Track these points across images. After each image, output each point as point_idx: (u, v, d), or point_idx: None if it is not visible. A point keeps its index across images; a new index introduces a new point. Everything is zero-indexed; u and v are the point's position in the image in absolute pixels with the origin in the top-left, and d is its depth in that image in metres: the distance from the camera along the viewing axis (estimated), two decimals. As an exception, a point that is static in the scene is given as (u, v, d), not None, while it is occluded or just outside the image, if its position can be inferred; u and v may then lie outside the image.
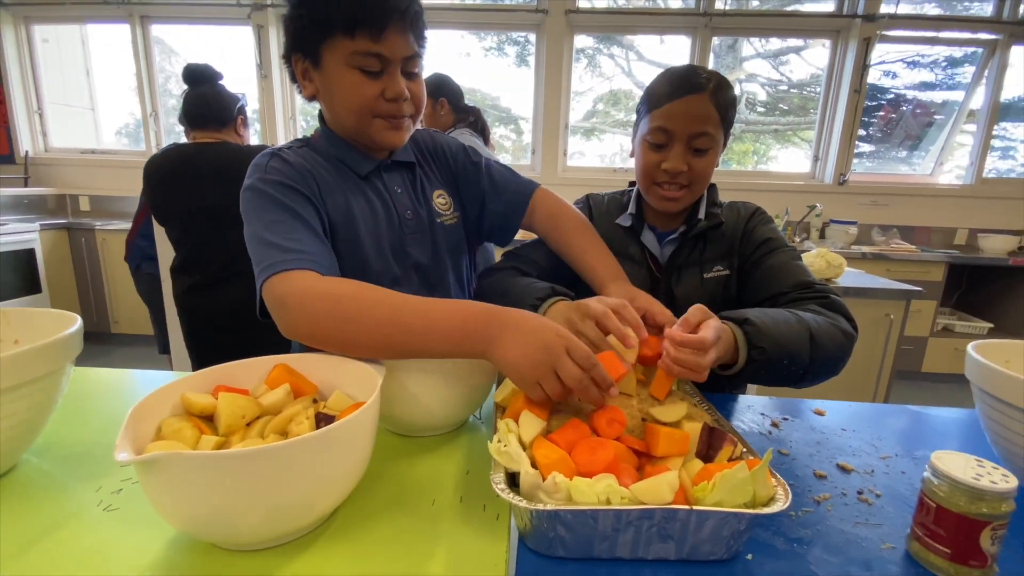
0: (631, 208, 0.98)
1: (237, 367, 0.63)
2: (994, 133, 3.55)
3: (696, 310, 0.68)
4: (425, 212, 0.90)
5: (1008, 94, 3.51)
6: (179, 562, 0.48)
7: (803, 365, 0.74)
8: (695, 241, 0.94)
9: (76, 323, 0.63)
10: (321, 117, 0.86)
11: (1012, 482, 0.48)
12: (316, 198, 0.78)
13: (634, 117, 0.96)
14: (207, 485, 0.43)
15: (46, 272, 3.29)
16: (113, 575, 0.46)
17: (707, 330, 0.65)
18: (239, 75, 3.65)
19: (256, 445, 0.47)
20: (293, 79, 0.81)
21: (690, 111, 0.84)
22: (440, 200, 0.92)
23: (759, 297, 0.89)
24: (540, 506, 0.47)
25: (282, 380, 0.61)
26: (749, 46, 3.73)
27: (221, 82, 1.64)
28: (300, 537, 0.51)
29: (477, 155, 0.97)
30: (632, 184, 1.01)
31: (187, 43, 3.85)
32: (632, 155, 0.95)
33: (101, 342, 3.56)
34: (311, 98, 0.82)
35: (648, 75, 3.76)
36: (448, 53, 3.76)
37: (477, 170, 0.95)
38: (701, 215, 0.93)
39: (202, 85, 1.59)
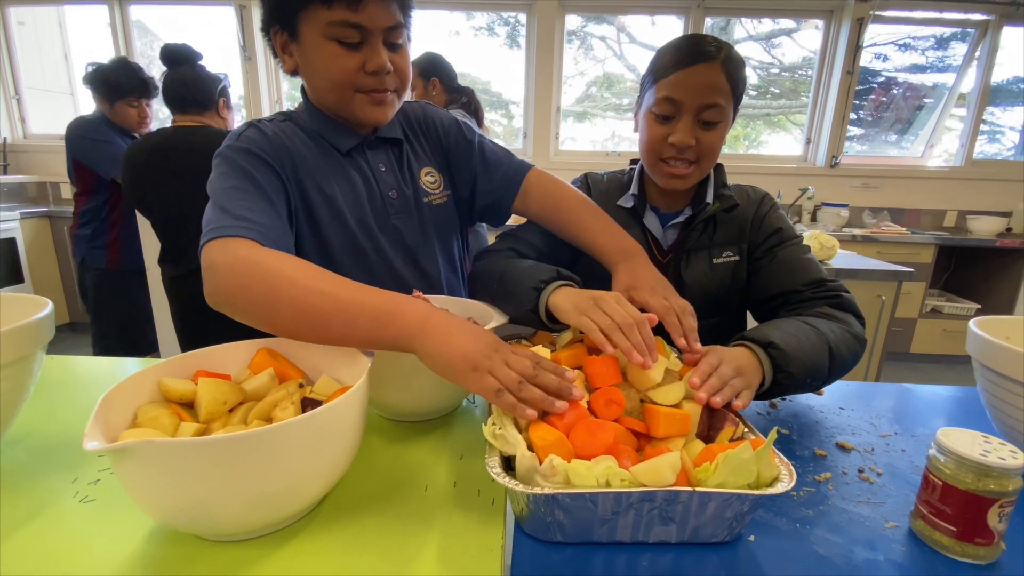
0: (633, 188, 0.93)
1: (218, 351, 0.60)
2: (983, 117, 3.55)
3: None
4: (411, 191, 0.86)
5: (998, 77, 3.51)
6: (159, 554, 0.46)
7: (823, 378, 0.73)
8: (704, 224, 0.89)
9: (47, 308, 0.60)
10: (304, 91, 0.82)
11: (1020, 458, 0.46)
12: (287, 174, 0.75)
13: (626, 101, 0.92)
14: (185, 474, 0.40)
15: (28, 261, 3.21)
16: (90, 568, 0.44)
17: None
18: (223, 58, 3.55)
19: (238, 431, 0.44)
20: (274, 53, 0.77)
21: (699, 80, 0.78)
22: (429, 178, 0.89)
23: (771, 291, 0.86)
24: (537, 490, 0.45)
25: (266, 365, 0.59)
26: (741, 28, 3.68)
27: (201, 63, 1.58)
28: (287, 526, 0.49)
29: (471, 131, 0.93)
30: (633, 163, 0.97)
31: (168, 26, 3.73)
32: (636, 130, 0.90)
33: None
34: (293, 72, 0.78)
35: (640, 58, 3.71)
36: (438, 34, 3.69)
37: (470, 147, 0.91)
38: (709, 198, 0.88)
39: (180, 66, 1.53)
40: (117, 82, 1.84)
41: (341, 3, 0.67)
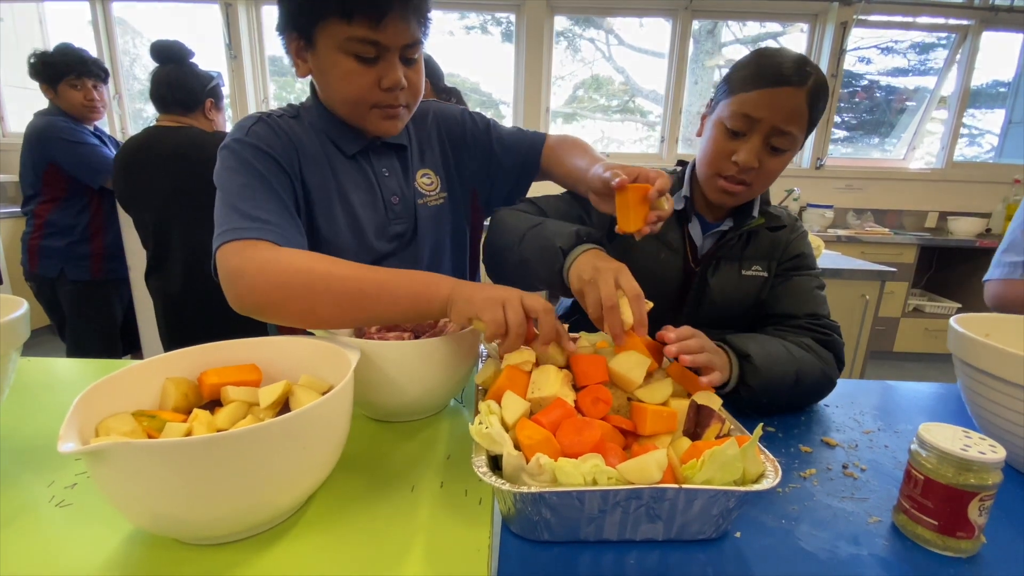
0: (685, 190, 0.88)
1: (204, 351, 0.59)
2: (963, 120, 3.62)
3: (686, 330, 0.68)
4: (411, 194, 0.87)
5: (977, 80, 3.58)
6: (138, 558, 0.45)
7: (780, 403, 0.77)
8: (740, 235, 0.87)
9: (21, 307, 0.58)
10: (313, 88, 0.81)
11: (1000, 453, 0.47)
12: (294, 171, 0.75)
13: (615, 103, 0.91)
14: (163, 476, 0.39)
15: (7, 263, 3.14)
16: (66, 573, 0.43)
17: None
18: (209, 57, 3.50)
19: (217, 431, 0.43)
20: (287, 51, 0.75)
21: (781, 103, 0.74)
22: (424, 180, 0.89)
23: (772, 310, 0.87)
24: (524, 489, 0.45)
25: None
26: (728, 31, 3.72)
27: (193, 61, 1.55)
28: (270, 529, 0.48)
29: (483, 118, 0.94)
30: (680, 164, 0.94)
31: (152, 23, 3.67)
32: (699, 134, 0.87)
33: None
34: (305, 76, 0.77)
35: (628, 60, 3.73)
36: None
37: (487, 133, 0.93)
38: (755, 211, 0.86)
39: (168, 64, 1.51)
40: (53, 62, 1.72)
41: (362, 20, 0.66)
